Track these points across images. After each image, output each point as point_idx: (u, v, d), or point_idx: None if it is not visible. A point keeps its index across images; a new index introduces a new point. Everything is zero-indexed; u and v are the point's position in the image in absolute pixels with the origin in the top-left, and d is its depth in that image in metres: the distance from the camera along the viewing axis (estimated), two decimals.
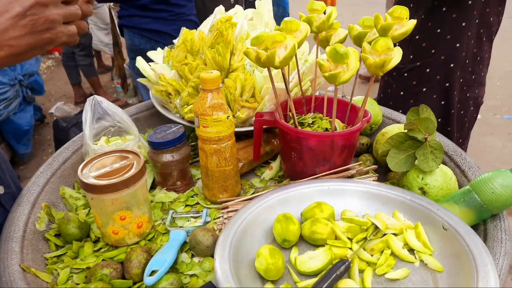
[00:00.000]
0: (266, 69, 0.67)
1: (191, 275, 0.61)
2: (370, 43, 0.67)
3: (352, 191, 0.68)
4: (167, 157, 0.75)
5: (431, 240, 0.59)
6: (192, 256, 0.65)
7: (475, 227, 0.63)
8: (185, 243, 0.66)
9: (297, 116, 0.77)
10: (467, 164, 0.74)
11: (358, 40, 0.70)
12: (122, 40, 3.15)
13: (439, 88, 1.22)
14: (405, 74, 1.25)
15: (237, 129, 0.82)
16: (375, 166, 0.75)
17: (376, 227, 0.61)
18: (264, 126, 0.78)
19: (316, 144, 0.69)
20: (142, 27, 1.74)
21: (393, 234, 0.61)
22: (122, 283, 0.59)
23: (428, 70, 1.21)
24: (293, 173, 0.76)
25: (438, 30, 1.16)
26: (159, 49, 1.01)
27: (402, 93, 1.28)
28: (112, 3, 3.32)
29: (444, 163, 0.76)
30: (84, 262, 0.64)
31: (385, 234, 0.61)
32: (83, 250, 0.67)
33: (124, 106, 3.58)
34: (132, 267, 0.60)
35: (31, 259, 0.62)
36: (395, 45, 0.64)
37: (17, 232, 0.64)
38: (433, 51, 1.19)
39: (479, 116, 1.36)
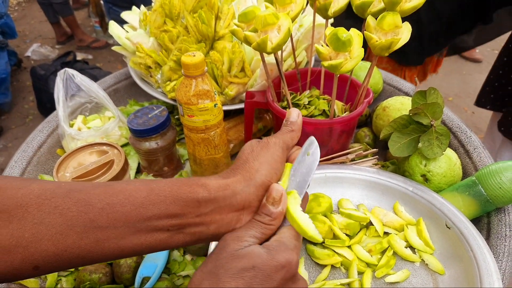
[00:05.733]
0: None
1: (184, 276, 0.59)
2: (374, 16, 0.59)
3: (350, 179, 0.65)
4: (151, 144, 0.69)
5: (432, 237, 0.56)
6: (184, 253, 0.62)
7: (477, 219, 0.61)
8: None
9: (291, 94, 0.70)
10: (472, 143, 0.69)
11: (361, 10, 0.61)
12: None
13: None
14: None
15: (226, 107, 0.75)
16: (375, 150, 0.70)
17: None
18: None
19: (313, 130, 0.64)
20: None
21: (393, 232, 0.58)
22: None
23: None
24: None
25: None
26: (134, 8, 0.89)
27: None
28: None
29: None
30: None
31: (385, 233, 0.58)
32: None
33: (104, 46, 3.38)
34: (122, 272, 0.57)
35: None
36: (403, 20, 0.56)
37: None
38: None
39: None
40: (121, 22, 0.89)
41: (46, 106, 2.45)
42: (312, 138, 0.39)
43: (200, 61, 0.57)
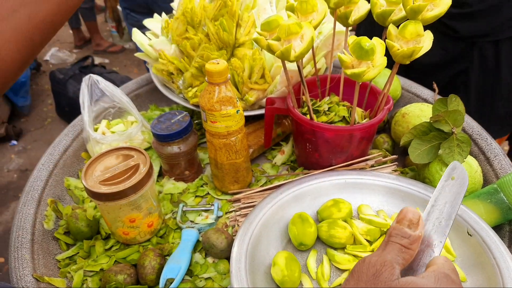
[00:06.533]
0: None
1: (206, 278, 0.60)
2: (396, 24, 0.59)
3: (370, 185, 0.65)
4: (174, 149, 0.70)
5: (453, 244, 0.56)
6: (206, 255, 0.64)
7: (499, 227, 0.61)
8: (198, 241, 0.65)
9: (311, 100, 0.71)
10: (493, 151, 0.69)
11: (382, 19, 0.62)
12: None
13: None
14: None
15: (245, 113, 0.76)
16: (394, 156, 0.71)
17: None
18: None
19: (333, 137, 0.65)
20: None
21: None
22: None
23: None
24: (308, 163, 0.72)
25: None
26: (156, 16, 0.92)
27: None
28: None
29: None
30: (97, 263, 0.63)
31: None
32: (94, 249, 0.66)
33: (121, 51, 3.44)
34: (146, 273, 0.58)
35: (43, 264, 0.61)
36: (425, 29, 0.56)
37: (26, 237, 0.63)
38: None
39: None
40: (139, 28, 0.91)
41: (65, 109, 2.50)
42: (456, 162, 0.36)
43: (224, 68, 0.59)
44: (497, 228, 0.60)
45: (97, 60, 3.21)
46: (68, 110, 2.45)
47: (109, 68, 2.94)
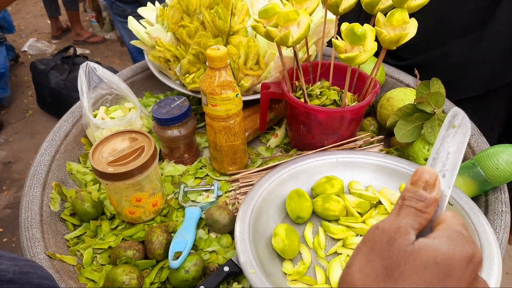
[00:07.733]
0: None
1: (211, 252, 0.64)
2: (383, 12, 0.64)
3: (359, 163, 0.70)
4: (174, 132, 0.74)
5: None
6: (208, 231, 0.68)
7: (476, 198, 0.67)
8: (200, 218, 0.69)
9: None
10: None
11: (370, 7, 0.67)
12: None
13: None
14: None
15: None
16: (381, 136, 0.76)
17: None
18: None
19: (326, 118, 0.69)
20: None
21: None
22: (146, 263, 0.62)
23: None
24: (301, 144, 0.77)
25: None
26: (149, 4, 0.94)
27: None
28: None
29: None
30: (104, 242, 0.66)
31: None
32: (101, 228, 0.69)
33: (102, 41, 3.39)
34: (155, 248, 0.62)
35: (53, 243, 0.64)
36: (410, 17, 0.61)
37: (35, 218, 0.65)
38: None
39: None
40: (124, 18, 0.92)
41: (47, 100, 2.46)
42: (457, 108, 0.33)
43: (224, 54, 0.62)
44: (474, 199, 0.67)
45: (78, 51, 3.16)
46: (50, 101, 2.42)
47: (91, 58, 2.90)
